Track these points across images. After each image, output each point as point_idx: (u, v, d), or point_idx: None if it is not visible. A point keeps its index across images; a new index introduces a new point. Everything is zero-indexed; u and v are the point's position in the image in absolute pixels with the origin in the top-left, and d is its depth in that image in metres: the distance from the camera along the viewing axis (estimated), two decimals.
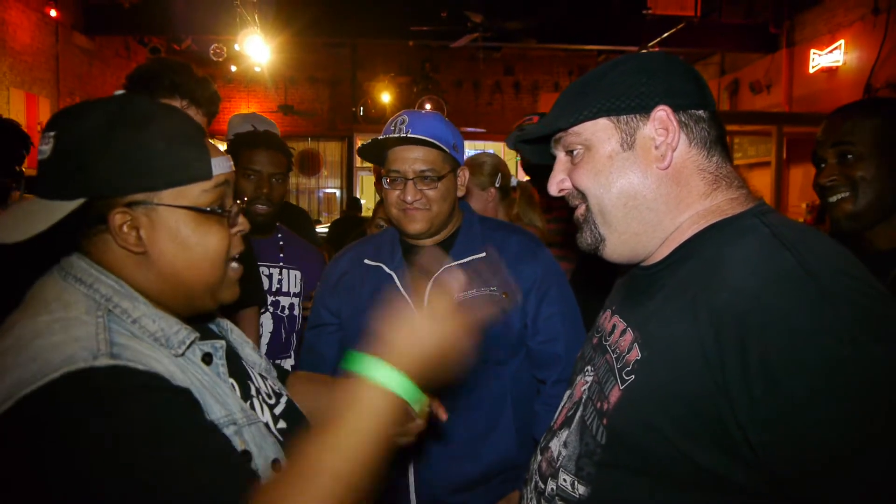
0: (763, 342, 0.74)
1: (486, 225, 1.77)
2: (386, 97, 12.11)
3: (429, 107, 10.97)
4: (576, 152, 1.00)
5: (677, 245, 0.95)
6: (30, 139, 2.75)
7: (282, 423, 1.06)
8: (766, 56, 8.96)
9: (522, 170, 3.47)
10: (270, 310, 2.34)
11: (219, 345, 0.97)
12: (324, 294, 1.80)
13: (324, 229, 7.24)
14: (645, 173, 0.94)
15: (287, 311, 2.39)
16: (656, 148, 0.94)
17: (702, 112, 0.96)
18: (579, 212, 1.02)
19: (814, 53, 7.92)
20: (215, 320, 1.16)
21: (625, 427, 0.88)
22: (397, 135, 1.56)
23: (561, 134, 1.02)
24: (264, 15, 7.68)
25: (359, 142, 11.76)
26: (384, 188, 1.65)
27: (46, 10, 7.60)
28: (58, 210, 0.85)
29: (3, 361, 0.78)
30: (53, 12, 7.66)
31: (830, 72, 7.66)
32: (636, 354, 0.91)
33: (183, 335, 0.90)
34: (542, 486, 1.02)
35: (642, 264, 1.01)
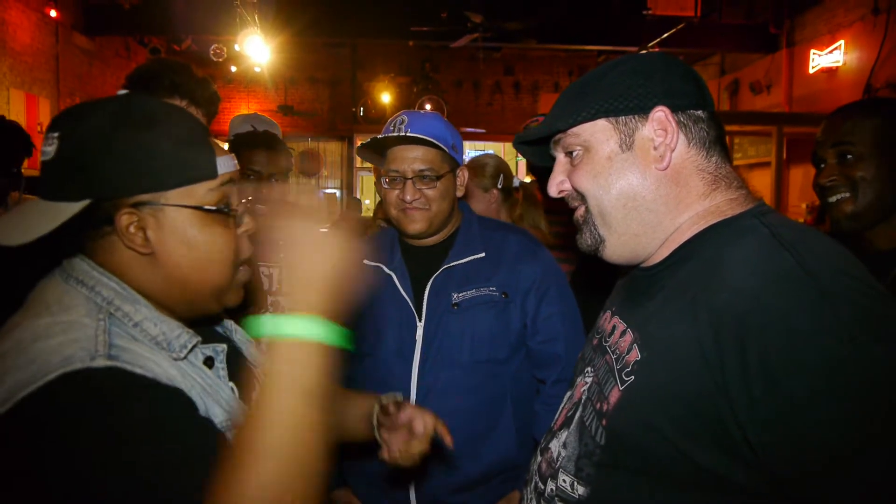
0: (762, 342, 0.74)
1: (486, 225, 1.77)
2: (386, 97, 12.10)
3: (429, 107, 10.97)
4: (575, 153, 1.00)
5: (677, 246, 0.95)
6: (31, 140, 2.75)
7: None
8: (766, 56, 8.96)
9: (528, 171, 3.47)
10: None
11: (220, 348, 0.97)
12: None
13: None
14: (644, 174, 0.94)
15: None
16: (655, 149, 0.94)
17: (701, 112, 0.96)
18: (579, 213, 1.02)
19: (814, 54, 7.91)
20: (220, 321, 1.16)
21: (624, 428, 0.88)
22: (396, 134, 1.56)
23: (560, 135, 1.02)
24: (264, 15, 7.68)
25: (359, 142, 11.75)
26: (383, 188, 1.65)
27: (46, 10, 7.59)
28: (63, 212, 0.85)
29: (4, 364, 0.78)
30: (53, 13, 7.65)
31: (830, 72, 7.65)
32: (636, 355, 0.91)
33: (184, 339, 0.90)
34: (542, 487, 1.02)
35: (642, 265, 1.02)
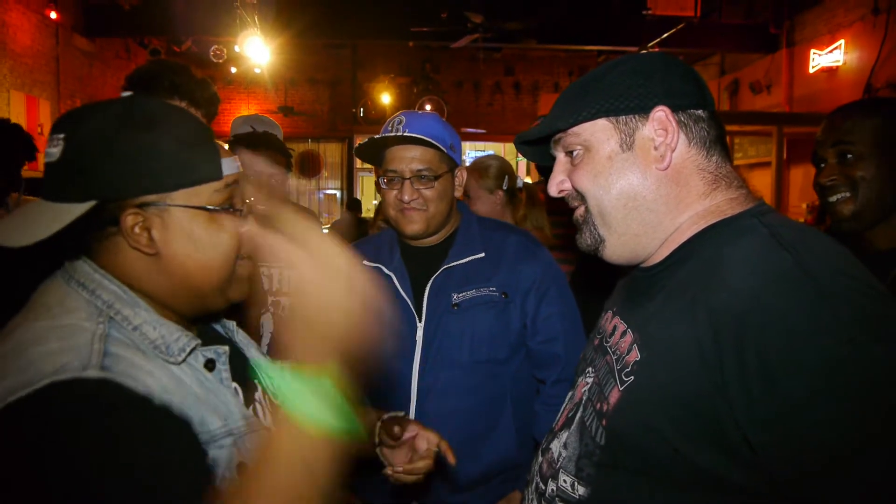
0: (761, 342, 0.74)
1: (485, 225, 1.77)
2: (386, 98, 12.10)
3: (429, 107, 10.97)
4: (575, 153, 0.99)
5: (677, 246, 0.95)
6: (34, 143, 2.74)
7: None
8: (766, 56, 8.95)
9: (535, 171, 3.47)
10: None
11: (222, 350, 0.96)
12: None
13: (324, 230, 7.27)
14: (644, 174, 0.94)
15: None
16: (655, 149, 0.93)
17: (701, 112, 0.96)
18: (578, 213, 1.02)
19: (814, 53, 7.90)
20: (221, 321, 1.15)
21: (624, 428, 0.88)
22: (394, 134, 1.56)
23: (560, 135, 1.01)
24: (264, 16, 7.68)
25: (359, 142, 11.76)
26: (382, 188, 1.65)
27: (47, 11, 7.59)
28: (68, 213, 0.85)
29: (1, 366, 0.78)
30: (54, 14, 7.65)
31: (831, 72, 7.65)
32: (635, 356, 0.91)
33: (183, 342, 0.89)
34: (543, 487, 1.02)
35: (642, 265, 1.01)
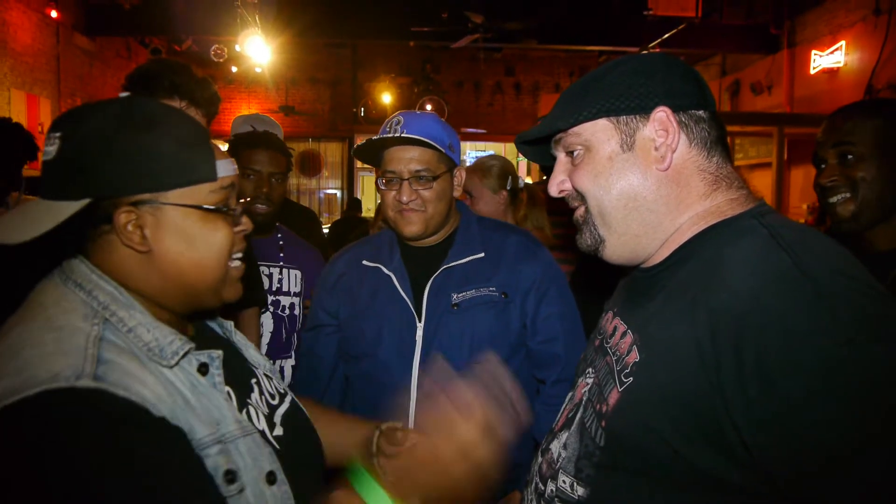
0: (759, 343, 0.73)
1: (485, 225, 1.77)
2: (387, 98, 12.10)
3: (429, 107, 10.96)
4: (576, 153, 0.99)
5: (677, 246, 0.95)
6: (35, 143, 2.74)
7: (279, 430, 1.04)
8: (766, 57, 8.95)
9: (539, 171, 3.47)
10: (271, 310, 2.34)
11: (216, 354, 0.96)
12: (321, 295, 1.80)
13: (325, 230, 7.28)
14: (645, 174, 0.94)
15: (287, 311, 2.39)
16: (656, 149, 0.93)
17: (702, 112, 0.95)
18: (579, 213, 1.02)
19: (815, 54, 7.90)
20: (218, 321, 1.15)
21: (623, 429, 0.88)
22: (392, 135, 1.56)
23: (561, 135, 1.01)
24: (265, 16, 7.68)
25: (360, 142, 11.77)
26: (381, 189, 1.65)
27: (47, 10, 7.60)
28: (63, 210, 0.85)
29: None
30: (54, 13, 7.65)
31: (831, 73, 7.65)
32: (635, 357, 0.91)
33: (176, 346, 0.89)
34: (542, 488, 1.02)
35: (643, 266, 1.01)
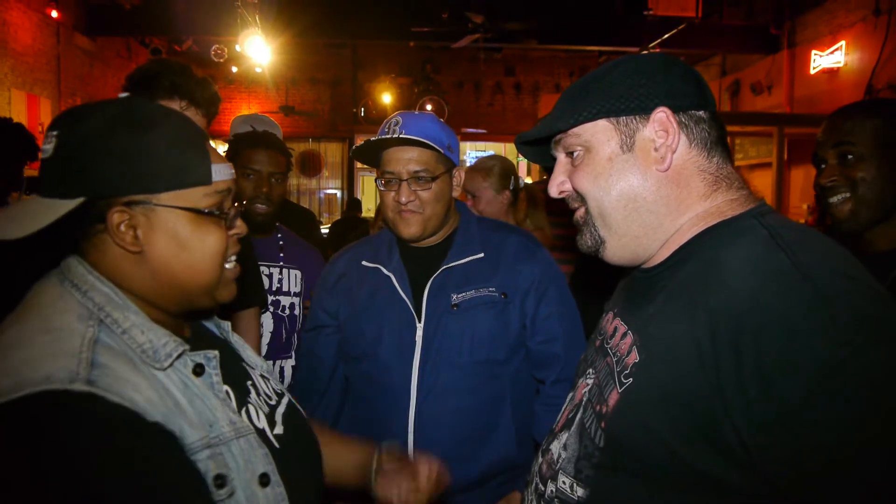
0: (758, 343, 0.73)
1: (484, 225, 1.77)
2: (387, 98, 12.10)
3: (430, 108, 10.96)
4: (576, 154, 0.99)
5: (677, 247, 0.94)
6: (36, 143, 2.74)
7: (279, 429, 1.04)
8: (767, 57, 8.95)
9: (543, 170, 3.47)
10: (271, 310, 2.34)
11: (212, 355, 0.97)
12: (321, 295, 1.80)
13: (324, 230, 7.29)
14: (645, 175, 0.94)
15: (287, 311, 2.39)
16: (656, 150, 0.93)
17: (702, 113, 0.95)
18: (579, 214, 1.02)
19: (815, 54, 7.90)
20: (215, 321, 1.15)
21: (622, 430, 0.88)
22: (391, 135, 1.56)
23: (561, 135, 1.01)
24: (265, 16, 7.68)
25: (360, 142, 11.77)
26: (380, 190, 1.65)
27: (48, 10, 7.59)
28: (58, 208, 0.86)
29: None
30: (55, 13, 7.65)
31: (831, 73, 7.65)
32: (634, 357, 0.91)
33: (170, 348, 0.89)
34: (542, 489, 1.02)
35: (643, 266, 1.01)
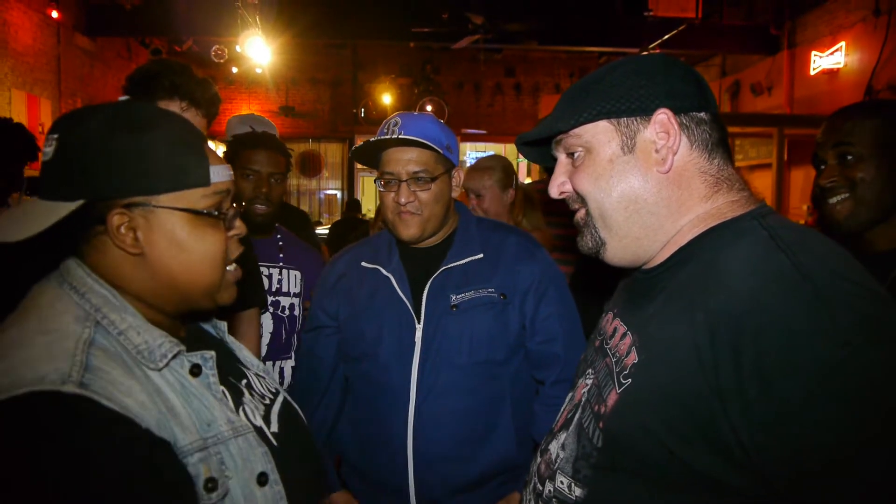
0: (757, 344, 0.73)
1: (484, 226, 1.77)
2: (387, 98, 12.11)
3: (430, 108, 10.97)
4: (577, 155, 0.99)
5: (678, 248, 0.94)
6: (36, 143, 2.74)
7: (275, 427, 1.05)
8: (767, 58, 8.95)
9: (544, 170, 3.48)
10: (270, 310, 2.34)
11: (209, 355, 0.97)
12: (321, 296, 1.80)
13: (325, 231, 7.30)
14: (645, 177, 0.94)
15: (287, 312, 2.39)
16: (657, 151, 0.93)
17: (703, 114, 0.95)
18: (579, 215, 1.02)
19: (815, 55, 7.91)
20: (213, 322, 1.16)
21: (620, 431, 0.88)
22: (390, 136, 1.56)
23: (562, 136, 1.01)
24: (265, 16, 7.69)
25: (359, 143, 11.79)
26: (380, 191, 1.65)
27: (48, 11, 7.59)
28: (58, 211, 0.86)
29: None
30: (55, 13, 7.65)
31: (831, 74, 7.65)
32: (634, 358, 0.91)
33: (165, 348, 0.90)
34: (540, 488, 1.02)
35: (643, 267, 1.01)
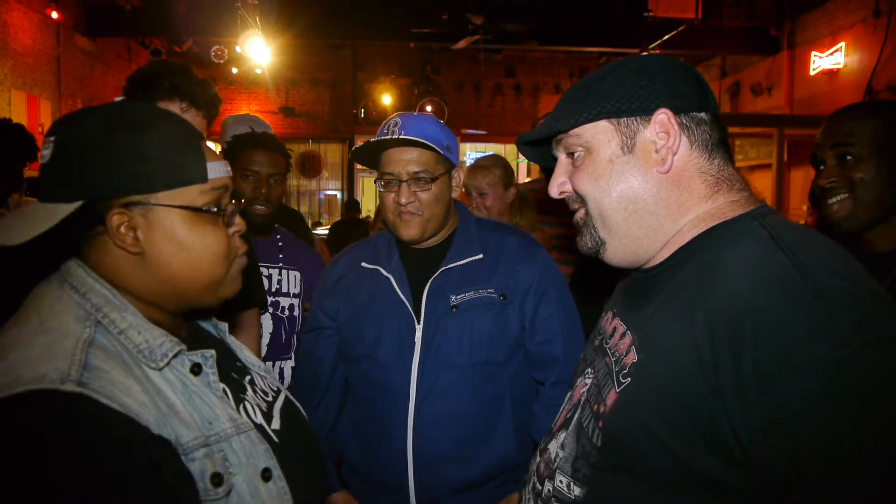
0: (757, 344, 0.73)
1: (483, 226, 1.77)
2: (387, 99, 12.10)
3: (430, 109, 10.97)
4: (577, 154, 0.99)
5: (677, 248, 0.95)
6: (35, 144, 2.74)
7: (276, 423, 1.06)
8: (766, 58, 8.96)
9: (541, 171, 3.49)
10: (270, 311, 2.34)
11: (209, 354, 0.97)
12: (321, 297, 1.79)
13: (324, 231, 7.30)
14: (645, 177, 0.94)
15: (287, 312, 2.39)
16: (657, 151, 0.93)
17: (703, 114, 0.95)
18: (579, 215, 1.02)
19: (815, 56, 7.91)
20: (213, 321, 1.16)
21: (620, 430, 0.88)
22: (390, 136, 1.56)
23: (562, 136, 1.01)
24: (265, 17, 7.69)
25: (359, 144, 11.79)
26: (380, 191, 1.65)
27: (48, 11, 7.59)
28: (57, 212, 0.87)
29: None
30: (55, 14, 7.65)
31: (831, 74, 7.65)
32: (633, 358, 0.91)
33: (166, 348, 0.90)
34: (540, 488, 1.02)
35: (643, 267, 1.01)
